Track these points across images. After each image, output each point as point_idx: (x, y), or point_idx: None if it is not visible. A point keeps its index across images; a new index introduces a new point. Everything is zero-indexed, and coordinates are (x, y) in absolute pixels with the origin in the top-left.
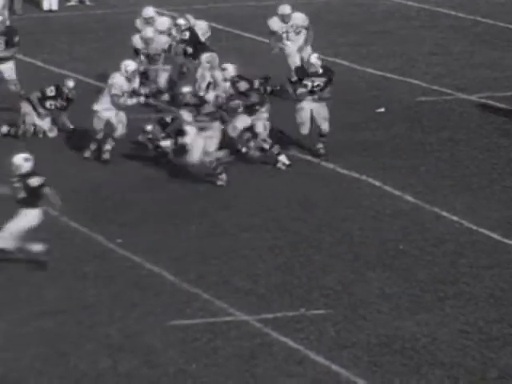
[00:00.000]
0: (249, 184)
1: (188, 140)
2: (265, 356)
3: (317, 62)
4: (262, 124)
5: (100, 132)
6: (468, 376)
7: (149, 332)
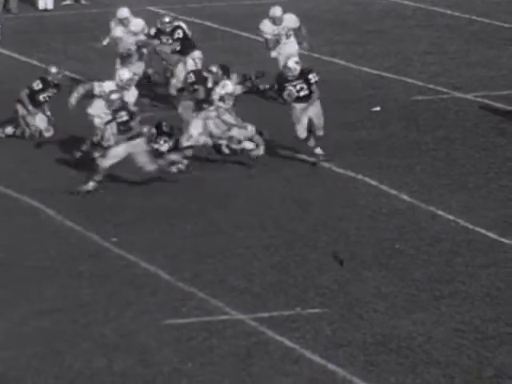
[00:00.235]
0: (244, 183)
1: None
2: (261, 355)
3: (294, 66)
4: (212, 123)
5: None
6: (464, 375)
7: (144, 331)
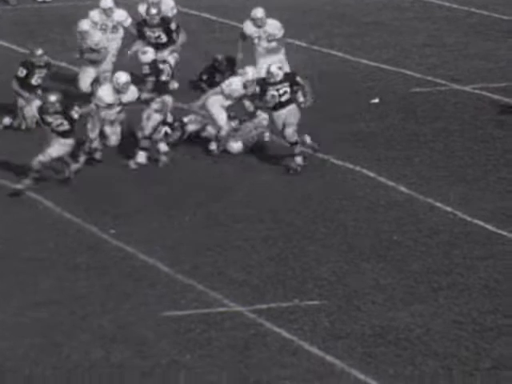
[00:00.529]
0: (242, 175)
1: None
2: (259, 347)
3: (276, 71)
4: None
5: (95, 139)
6: (462, 366)
7: (142, 323)
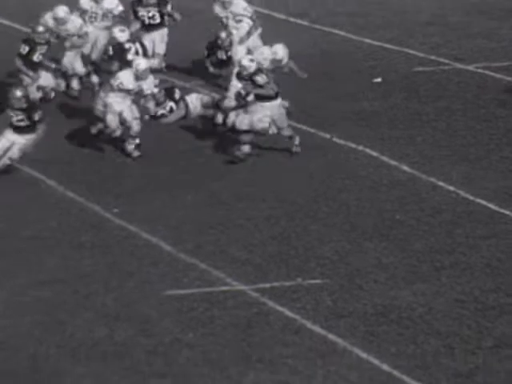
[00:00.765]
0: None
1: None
2: (261, 325)
3: (248, 64)
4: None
5: (117, 130)
6: (464, 345)
7: (145, 301)
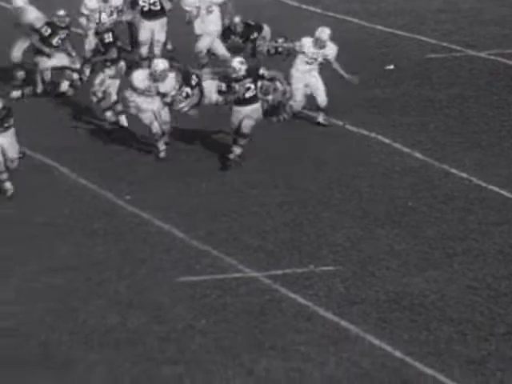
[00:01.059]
0: (257, 141)
1: None
2: (274, 312)
3: (238, 66)
4: (114, 87)
5: (157, 131)
6: (476, 332)
7: (158, 288)
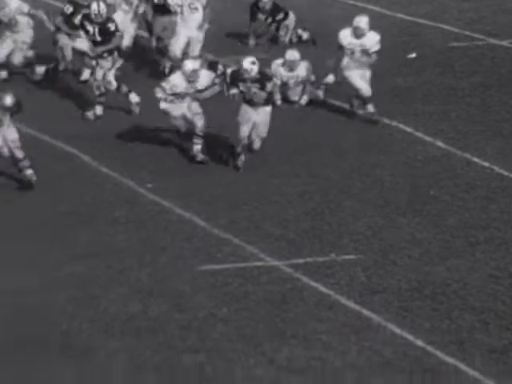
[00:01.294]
0: (279, 130)
1: None
2: (295, 301)
3: (250, 67)
4: (101, 73)
5: (182, 128)
6: (498, 320)
7: (179, 276)
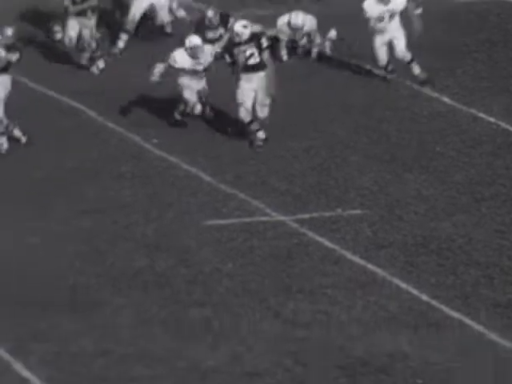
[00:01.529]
0: (285, 86)
1: None
2: (301, 256)
3: (242, 30)
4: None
5: (197, 105)
6: (503, 275)
7: (185, 232)
